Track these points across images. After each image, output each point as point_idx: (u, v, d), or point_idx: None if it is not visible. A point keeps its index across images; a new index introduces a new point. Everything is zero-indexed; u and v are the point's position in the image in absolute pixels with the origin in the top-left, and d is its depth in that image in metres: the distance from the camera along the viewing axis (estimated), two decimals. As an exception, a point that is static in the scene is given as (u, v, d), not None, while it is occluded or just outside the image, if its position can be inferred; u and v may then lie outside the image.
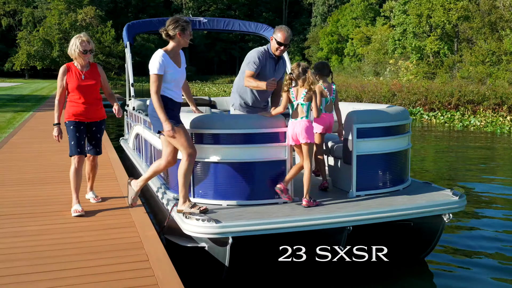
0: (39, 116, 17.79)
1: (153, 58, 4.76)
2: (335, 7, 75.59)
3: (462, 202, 5.16)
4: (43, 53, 67.02)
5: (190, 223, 4.44)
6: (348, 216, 4.68)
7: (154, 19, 9.40)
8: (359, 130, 5.22)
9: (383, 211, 4.81)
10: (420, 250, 5.56)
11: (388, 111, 5.55)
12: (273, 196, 5.00)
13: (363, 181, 5.31)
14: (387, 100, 24.05)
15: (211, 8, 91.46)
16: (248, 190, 4.95)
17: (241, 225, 4.41)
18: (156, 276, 3.92)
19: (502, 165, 11.39)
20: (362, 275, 5.23)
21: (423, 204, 5.01)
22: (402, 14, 42.34)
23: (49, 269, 4.08)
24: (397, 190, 5.51)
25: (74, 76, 5.70)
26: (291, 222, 4.53)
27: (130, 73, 8.89)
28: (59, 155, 9.44)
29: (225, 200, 4.97)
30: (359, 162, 5.25)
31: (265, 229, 4.47)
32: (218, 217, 4.51)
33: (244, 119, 5.04)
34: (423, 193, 5.40)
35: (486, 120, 19.55)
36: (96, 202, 6.14)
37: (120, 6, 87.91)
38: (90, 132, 5.92)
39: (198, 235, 4.43)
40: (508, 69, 29.07)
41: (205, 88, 53.26)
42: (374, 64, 46.02)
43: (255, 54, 5.49)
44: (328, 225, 4.63)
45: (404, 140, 5.67)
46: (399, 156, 5.56)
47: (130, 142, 9.32)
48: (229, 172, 4.91)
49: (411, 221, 5.36)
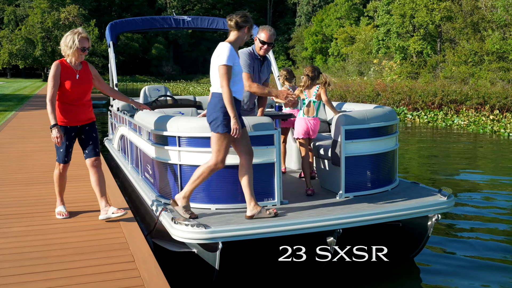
0: (22, 116, 17.64)
1: (221, 49, 4.43)
2: (319, 7, 75.93)
3: (450, 202, 5.19)
4: (26, 52, 66.41)
5: (179, 228, 4.38)
6: (338, 219, 4.66)
7: (138, 18, 9.31)
8: (348, 131, 5.22)
9: (372, 213, 4.80)
10: (409, 250, 5.59)
11: (376, 112, 5.56)
12: (262, 199, 4.97)
13: (352, 182, 5.31)
14: (371, 100, 24.21)
15: (196, 7, 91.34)
16: (237, 193, 4.91)
17: (230, 230, 4.36)
18: (142, 277, 3.93)
19: (486, 164, 11.55)
20: (352, 276, 5.26)
21: (412, 205, 5.02)
22: (385, 14, 42.68)
23: (37, 270, 4.07)
24: (386, 191, 5.53)
25: (68, 75, 5.17)
26: (281, 226, 4.50)
27: (113, 73, 8.79)
28: (44, 155, 9.38)
29: (214, 204, 4.93)
30: (347, 163, 5.25)
31: (255, 234, 4.43)
32: (207, 222, 4.47)
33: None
34: (412, 193, 5.42)
35: (469, 119, 19.78)
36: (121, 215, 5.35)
37: (103, 5, 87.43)
38: (84, 134, 5.42)
39: (187, 240, 4.37)
40: (490, 69, 29.44)
41: (190, 88, 53.15)
42: (358, 64, 46.28)
43: (242, 55, 5.41)
44: (318, 228, 4.61)
45: (392, 140, 5.69)
46: (387, 156, 5.58)
47: (114, 143, 9.28)
48: (217, 175, 4.85)
49: (400, 222, 5.39)
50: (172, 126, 4.98)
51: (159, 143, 5.19)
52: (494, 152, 13.20)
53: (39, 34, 66.66)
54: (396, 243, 5.65)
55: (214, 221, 4.52)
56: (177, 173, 5.04)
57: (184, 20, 9.22)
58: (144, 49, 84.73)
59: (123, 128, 7.91)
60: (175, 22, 9.21)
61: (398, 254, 5.67)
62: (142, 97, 8.93)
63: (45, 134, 12.54)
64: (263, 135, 4.93)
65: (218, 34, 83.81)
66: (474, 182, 9.61)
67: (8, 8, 74.35)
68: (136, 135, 6.43)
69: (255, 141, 4.87)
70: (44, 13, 67.52)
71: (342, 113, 5.46)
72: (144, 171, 6.12)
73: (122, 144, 8.24)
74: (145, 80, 76.25)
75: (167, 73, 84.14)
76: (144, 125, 5.78)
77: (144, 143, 5.83)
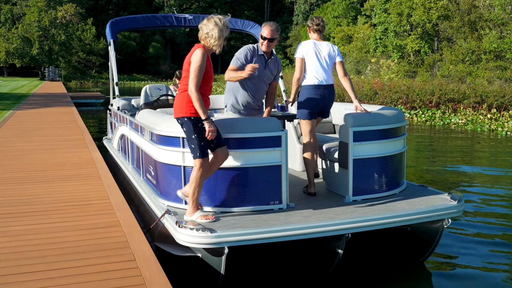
0: (20, 115, 17.57)
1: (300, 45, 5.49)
2: (316, 6, 75.91)
3: (460, 206, 5.06)
4: (23, 51, 66.22)
5: (184, 232, 4.28)
6: (347, 224, 4.55)
7: (139, 16, 9.12)
8: (356, 133, 5.11)
9: (382, 218, 4.70)
10: (418, 254, 5.47)
11: (384, 114, 5.45)
12: (268, 202, 4.87)
13: (360, 185, 5.21)
14: (369, 99, 24.21)
15: (193, 6, 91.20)
16: (243, 197, 4.80)
17: (237, 234, 4.25)
18: (144, 276, 3.91)
19: (487, 163, 11.54)
20: (360, 281, 5.17)
21: (422, 209, 4.90)
22: (383, 13, 42.64)
23: (36, 270, 4.05)
24: (394, 194, 5.43)
25: (209, 63, 4.59)
26: (288, 231, 4.39)
27: (114, 71, 8.67)
28: (42, 154, 9.36)
29: (219, 208, 4.83)
30: (355, 166, 5.15)
31: (261, 238, 4.33)
32: (213, 226, 4.37)
33: (238, 122, 4.85)
34: (420, 197, 5.31)
35: (466, 118, 19.79)
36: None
37: (100, 4, 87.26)
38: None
39: (192, 245, 4.27)
40: (487, 68, 29.45)
41: (187, 86, 52.98)
42: (355, 63, 46.28)
43: (242, 50, 5.38)
44: (326, 233, 4.51)
45: (400, 142, 5.57)
46: (396, 159, 5.47)
47: (114, 142, 9.22)
48: (222, 178, 4.76)
49: (409, 226, 5.27)
50: (176, 126, 4.89)
51: (162, 144, 5.10)
52: (493, 151, 13.20)
53: (36, 32, 66.48)
54: (404, 248, 5.55)
55: (220, 225, 4.41)
56: (180, 175, 4.95)
57: (185, 18, 9.10)
58: (142, 47, 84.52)
59: (123, 127, 7.83)
60: (177, 20, 9.10)
61: (406, 258, 5.57)
62: (143, 96, 8.86)
63: (43, 133, 12.51)
64: (270, 136, 4.81)
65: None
66: (478, 180, 9.60)
67: (5, 6, 74.09)
68: (138, 135, 6.32)
69: (262, 143, 4.76)
70: (41, 12, 67.34)
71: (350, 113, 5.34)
72: (146, 172, 6.02)
73: (122, 144, 8.16)
74: (143, 79, 76.07)
75: (164, 71, 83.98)
76: (146, 125, 5.69)
77: (146, 143, 5.72)
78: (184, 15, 9.11)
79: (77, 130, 13.17)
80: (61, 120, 16.01)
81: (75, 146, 10.24)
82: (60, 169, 8.03)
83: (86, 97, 30.35)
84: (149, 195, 5.53)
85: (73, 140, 11.16)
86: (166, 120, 5.14)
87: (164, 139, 5.06)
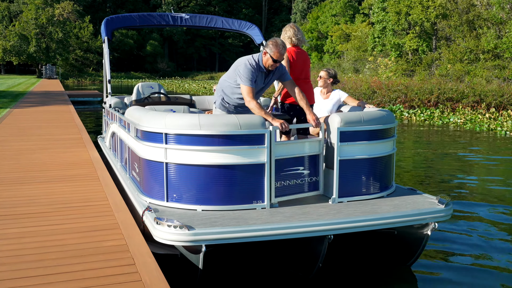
0: (17, 113, 17.47)
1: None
2: (314, 4, 75.84)
3: (448, 210, 4.97)
4: (20, 48, 66.06)
5: (161, 229, 4.22)
6: (330, 224, 4.46)
7: (135, 14, 8.99)
8: (343, 133, 5.03)
9: (365, 220, 4.60)
10: (405, 259, 5.37)
11: (373, 114, 5.34)
12: (251, 201, 4.79)
13: (346, 187, 5.12)
14: (367, 98, 24.17)
15: (191, 4, 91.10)
16: (225, 194, 4.72)
17: (215, 232, 4.18)
18: (144, 281, 3.84)
19: (484, 165, 11.51)
20: (343, 285, 5.07)
21: (407, 212, 4.80)
22: (381, 12, 42.63)
23: (34, 274, 3.98)
24: (381, 197, 5.33)
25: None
26: (269, 230, 4.30)
27: (107, 69, 8.59)
28: (39, 154, 9.27)
29: (200, 205, 4.76)
30: (341, 167, 5.06)
31: (240, 237, 4.24)
32: (192, 223, 4.30)
33: (221, 119, 4.76)
34: (408, 200, 5.22)
35: (465, 117, 19.78)
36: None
37: (98, 1, 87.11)
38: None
39: (170, 242, 4.21)
40: (486, 67, 29.44)
41: (185, 85, 53.01)
42: (353, 61, 46.28)
43: (248, 69, 5.23)
44: (308, 234, 4.42)
45: (389, 144, 5.47)
46: (384, 161, 5.37)
47: (106, 141, 9.14)
48: (204, 175, 4.68)
49: (395, 230, 5.20)
50: (159, 122, 4.80)
51: (145, 140, 5.02)
52: (493, 151, 13.17)
53: (33, 30, 66.33)
54: (390, 251, 5.46)
55: (199, 222, 4.36)
56: (163, 172, 4.87)
57: (182, 17, 9.03)
58: (139, 45, 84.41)
59: (114, 125, 7.75)
60: (173, 19, 9.03)
61: (393, 262, 5.49)
62: (135, 94, 8.76)
63: (40, 131, 12.43)
64: (253, 134, 4.73)
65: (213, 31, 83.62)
66: (471, 184, 9.56)
67: (2, 4, 73.89)
68: (125, 132, 6.23)
69: (245, 140, 4.70)
70: (38, 9, 67.17)
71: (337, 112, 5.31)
72: (132, 169, 5.93)
73: (113, 142, 8.09)
74: (140, 77, 75.96)
75: (162, 69, 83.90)
76: (131, 121, 5.60)
77: (132, 140, 5.64)
78: (181, 14, 9.03)
79: (74, 129, 13.08)
80: (59, 118, 15.92)
81: (72, 145, 10.16)
82: (58, 169, 7.95)
83: (83, 95, 30.25)
84: (133, 192, 5.45)
85: (70, 139, 11.07)
86: (151, 116, 5.03)
87: (148, 135, 4.97)
